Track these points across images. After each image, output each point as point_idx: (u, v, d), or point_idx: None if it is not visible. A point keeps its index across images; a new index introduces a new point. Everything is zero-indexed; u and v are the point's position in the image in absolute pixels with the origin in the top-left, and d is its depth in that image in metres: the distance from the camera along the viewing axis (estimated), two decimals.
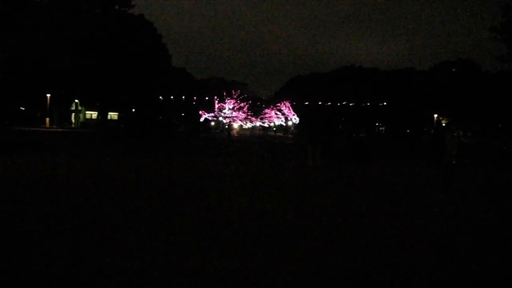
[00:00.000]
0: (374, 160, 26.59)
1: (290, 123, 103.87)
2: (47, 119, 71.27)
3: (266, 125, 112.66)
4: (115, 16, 52.48)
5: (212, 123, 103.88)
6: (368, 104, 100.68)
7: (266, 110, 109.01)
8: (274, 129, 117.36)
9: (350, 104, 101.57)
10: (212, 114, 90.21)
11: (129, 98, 79.96)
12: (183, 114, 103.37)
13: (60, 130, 60.01)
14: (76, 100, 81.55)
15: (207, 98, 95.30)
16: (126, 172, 16.41)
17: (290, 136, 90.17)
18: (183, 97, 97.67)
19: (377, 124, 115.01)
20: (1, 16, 37.46)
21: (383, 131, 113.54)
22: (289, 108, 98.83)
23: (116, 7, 45.66)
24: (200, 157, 25.45)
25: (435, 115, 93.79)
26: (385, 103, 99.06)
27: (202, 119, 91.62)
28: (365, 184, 15.64)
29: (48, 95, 70.01)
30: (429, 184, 16.08)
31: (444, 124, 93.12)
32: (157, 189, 12.59)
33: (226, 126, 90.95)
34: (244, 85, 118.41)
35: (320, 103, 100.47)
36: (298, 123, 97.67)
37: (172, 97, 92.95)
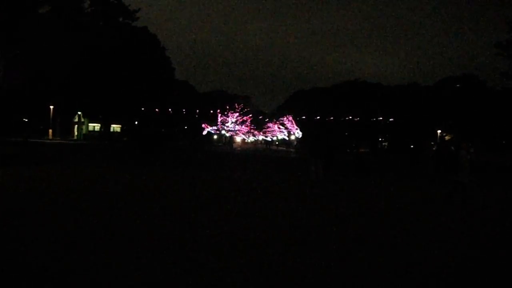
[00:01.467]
0: (375, 175, 26.34)
1: (293, 137, 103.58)
2: (50, 130, 71.16)
3: (269, 139, 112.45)
4: (119, 28, 52.49)
5: (215, 137, 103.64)
6: (371, 119, 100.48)
7: (269, 124, 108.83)
8: (277, 143, 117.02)
9: (353, 119, 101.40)
10: (215, 128, 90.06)
11: (132, 110, 79.98)
12: (186, 127, 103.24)
13: (64, 142, 59.84)
14: (79, 112, 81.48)
15: (210, 111, 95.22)
16: (132, 187, 16.17)
17: (292, 150, 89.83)
18: (186, 110, 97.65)
19: (380, 139, 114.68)
20: (5, 27, 37.44)
21: (386, 146, 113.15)
22: (292, 122, 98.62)
23: (120, 19, 45.64)
24: (203, 171, 25.17)
25: (439, 131, 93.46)
26: (388, 118, 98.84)
27: (205, 133, 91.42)
28: (365, 201, 15.31)
29: (51, 106, 69.97)
30: (431, 203, 15.76)
31: (446, 139, 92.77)
32: (159, 204, 12.34)
33: (228, 140, 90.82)
34: (247, 99, 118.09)
35: (323, 117, 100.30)
36: (301, 137, 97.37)
37: (175, 110, 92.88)
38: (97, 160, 30.40)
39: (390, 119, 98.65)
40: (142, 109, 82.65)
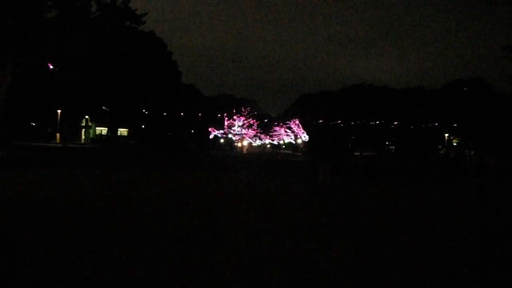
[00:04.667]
0: (382, 179, 26.22)
1: (299, 141, 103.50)
2: (58, 134, 71.32)
3: (275, 142, 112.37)
4: (126, 33, 52.57)
5: (222, 140, 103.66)
6: (378, 122, 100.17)
7: (276, 128, 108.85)
8: (284, 146, 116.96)
9: (360, 122, 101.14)
10: (222, 131, 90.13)
11: (139, 114, 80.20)
12: (192, 131, 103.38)
13: (71, 146, 60.02)
14: (87, 116, 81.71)
15: (216, 115, 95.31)
16: (142, 189, 16.15)
17: (299, 154, 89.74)
18: (193, 113, 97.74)
19: (387, 143, 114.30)
20: (12, 31, 37.53)
21: (393, 150, 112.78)
22: (298, 125, 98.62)
23: (127, 23, 45.62)
24: (211, 173, 25.18)
25: (446, 135, 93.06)
26: (395, 122, 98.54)
27: (211, 136, 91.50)
28: (374, 205, 15.19)
29: (59, 111, 70.14)
30: (451, 209, 15.66)
31: (455, 144, 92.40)
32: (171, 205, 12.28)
33: (235, 143, 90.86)
34: (254, 103, 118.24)
35: (329, 121, 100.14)
36: (307, 141, 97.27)
37: (181, 113, 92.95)
38: (115, 163, 30.65)
39: (397, 123, 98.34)
40: (149, 113, 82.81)
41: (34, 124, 76.89)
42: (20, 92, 48.05)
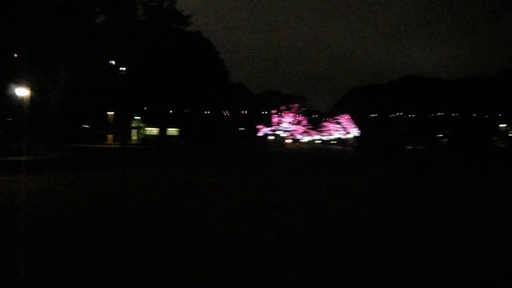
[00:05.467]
0: (436, 174, 25.40)
1: (349, 135, 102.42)
2: (110, 136, 72.89)
3: (325, 138, 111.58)
4: (173, 34, 53.14)
5: (271, 137, 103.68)
6: (430, 115, 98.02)
7: (325, 123, 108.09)
8: (333, 142, 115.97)
9: (411, 115, 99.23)
10: (271, 128, 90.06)
11: (188, 113, 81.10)
12: (241, 129, 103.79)
13: (122, 146, 61.24)
14: (137, 117, 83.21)
15: (265, 112, 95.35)
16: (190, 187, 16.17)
17: (350, 149, 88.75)
18: (241, 112, 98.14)
19: (439, 135, 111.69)
20: (64, 38, 38.48)
21: (446, 143, 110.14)
22: (348, 120, 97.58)
23: (174, 25, 46.12)
24: (262, 171, 25.08)
25: (501, 125, 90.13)
26: (448, 114, 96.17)
27: (261, 134, 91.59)
28: (433, 204, 14.65)
29: (110, 112, 71.71)
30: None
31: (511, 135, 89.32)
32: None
33: (284, 140, 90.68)
34: (302, 99, 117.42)
35: (380, 115, 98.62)
36: (358, 135, 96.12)
37: (230, 112, 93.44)
38: (171, 162, 31.11)
39: (450, 114, 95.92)
40: (198, 112, 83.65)
41: (86, 126, 78.82)
42: (72, 95, 49.22)
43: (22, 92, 33.31)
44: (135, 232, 8.84)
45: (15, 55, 31.96)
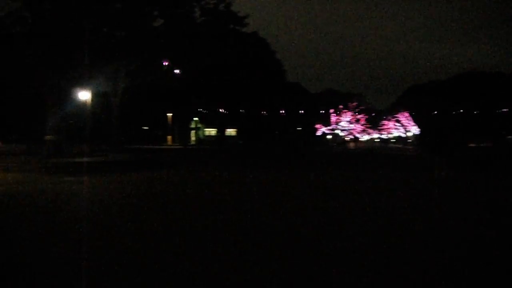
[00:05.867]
0: (502, 173, 24.26)
1: (409, 134, 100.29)
2: (169, 137, 74.00)
3: (384, 137, 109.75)
4: (229, 35, 53.43)
5: (329, 136, 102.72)
6: (494, 111, 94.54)
7: (384, 122, 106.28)
8: (393, 140, 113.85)
9: (474, 112, 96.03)
10: (329, 128, 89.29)
11: (246, 114, 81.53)
12: (299, 129, 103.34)
13: (182, 147, 62.14)
14: (195, 118, 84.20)
15: (323, 111, 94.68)
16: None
17: (410, 147, 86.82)
18: (299, 111, 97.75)
19: (504, 132, 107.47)
20: (124, 42, 39.31)
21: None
22: (407, 118, 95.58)
23: (230, 26, 46.36)
24: (321, 170, 24.78)
25: None
26: None
27: (319, 133, 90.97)
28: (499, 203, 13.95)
29: (169, 114, 72.84)
30: None
31: None
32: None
33: (342, 139, 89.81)
34: (360, 97, 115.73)
35: (441, 112, 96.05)
36: (418, 134, 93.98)
37: (288, 111, 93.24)
38: (233, 163, 31.27)
39: None
40: (255, 112, 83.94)
41: (145, 127, 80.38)
42: (132, 98, 50.30)
43: (84, 95, 34.26)
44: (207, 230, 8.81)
45: (78, 61, 32.87)
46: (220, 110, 78.11)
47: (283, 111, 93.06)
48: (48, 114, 30.80)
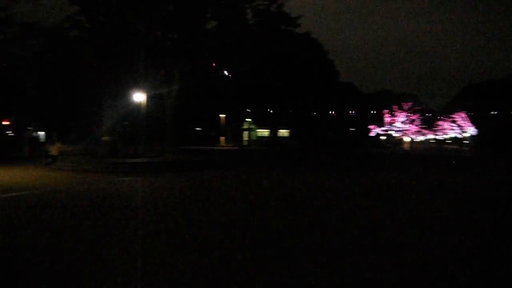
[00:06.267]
0: None
1: (466, 134, 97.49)
2: (222, 138, 74.59)
3: (439, 137, 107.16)
4: (281, 36, 53.39)
5: (383, 137, 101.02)
6: None
7: (439, 122, 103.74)
8: (449, 141, 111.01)
9: None
10: (383, 129, 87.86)
11: (298, 115, 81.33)
12: (352, 129, 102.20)
13: (235, 148, 62.51)
14: (248, 119, 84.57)
15: (376, 112, 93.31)
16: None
17: (466, 149, 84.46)
18: (351, 112, 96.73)
19: None
20: (177, 44, 39.84)
21: None
22: (464, 119, 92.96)
23: (283, 27, 46.30)
24: (381, 173, 24.41)
25: None
26: None
27: (372, 134, 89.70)
28: None
29: (222, 115, 73.42)
30: None
31: None
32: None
33: (397, 140, 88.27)
34: (415, 97, 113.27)
35: (500, 111, 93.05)
36: (475, 134, 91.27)
37: (340, 112, 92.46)
38: (288, 164, 31.25)
39: None
40: (307, 113, 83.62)
41: (199, 128, 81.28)
42: (186, 99, 50.94)
43: (139, 97, 34.90)
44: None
45: (133, 63, 33.54)
46: (272, 111, 78.13)
47: (335, 112, 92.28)
48: (105, 116, 31.52)
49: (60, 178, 19.46)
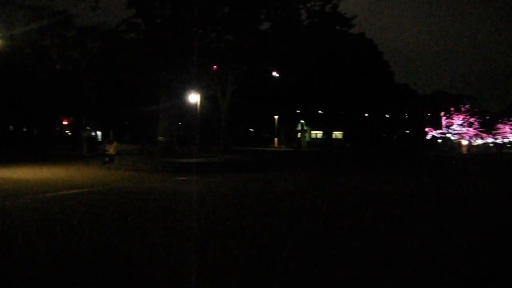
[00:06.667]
0: None
1: None
2: (276, 139, 74.55)
3: (499, 141, 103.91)
4: (336, 37, 52.92)
5: (439, 140, 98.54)
6: None
7: (499, 125, 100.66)
8: (509, 145, 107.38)
9: None
10: (440, 131, 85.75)
11: (352, 116, 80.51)
12: (407, 132, 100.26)
13: (289, 149, 62.41)
14: (302, 121, 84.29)
15: (431, 114, 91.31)
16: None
17: None
18: (406, 114, 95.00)
19: None
20: (231, 46, 40.06)
21: None
22: None
23: (337, 28, 45.86)
24: (443, 178, 23.69)
25: None
26: None
27: (428, 137, 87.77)
28: None
29: (276, 116, 73.42)
30: None
31: None
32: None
33: (454, 143, 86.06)
34: (473, 99, 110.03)
35: None
36: None
37: (395, 114, 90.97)
38: (345, 166, 30.79)
39: None
40: (362, 114, 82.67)
41: (252, 129, 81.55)
42: (239, 101, 51.23)
43: (194, 98, 35.25)
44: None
45: (188, 65, 33.88)
46: (326, 112, 77.57)
47: (390, 113, 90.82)
48: (160, 116, 31.96)
49: (118, 177, 19.86)
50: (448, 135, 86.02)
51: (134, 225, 9.49)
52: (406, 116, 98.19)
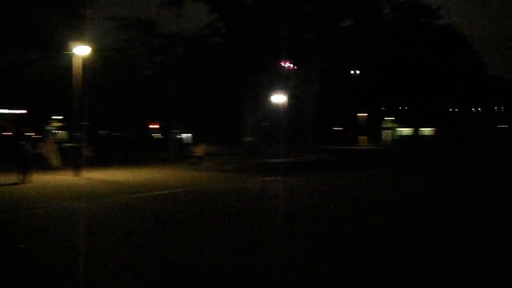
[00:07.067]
0: None
1: None
2: (361, 137, 73.26)
3: None
4: (421, 30, 51.49)
5: None
6: None
7: None
8: None
9: None
10: None
11: (443, 112, 77.97)
12: (504, 126, 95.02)
13: (376, 147, 61.38)
14: (389, 118, 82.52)
15: None
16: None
17: None
18: (502, 107, 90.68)
19: None
20: (315, 44, 39.86)
21: None
22: None
23: (422, 20, 44.62)
24: None
25: None
26: None
27: None
28: None
29: (361, 114, 72.26)
30: None
31: None
32: None
33: None
34: None
35: None
36: None
37: (488, 108, 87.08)
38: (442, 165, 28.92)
39: None
40: (452, 110, 79.93)
41: (337, 128, 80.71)
42: (324, 100, 50.93)
43: (279, 98, 35.32)
44: None
45: (272, 65, 34.11)
46: (414, 108, 75.34)
47: (483, 108, 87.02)
48: (245, 117, 32.29)
49: (207, 178, 20.28)
50: None
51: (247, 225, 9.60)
52: (503, 110, 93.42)
